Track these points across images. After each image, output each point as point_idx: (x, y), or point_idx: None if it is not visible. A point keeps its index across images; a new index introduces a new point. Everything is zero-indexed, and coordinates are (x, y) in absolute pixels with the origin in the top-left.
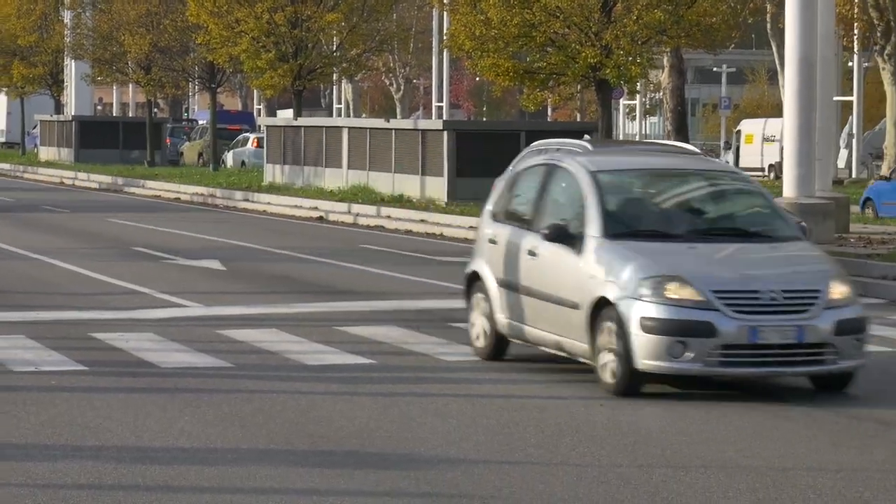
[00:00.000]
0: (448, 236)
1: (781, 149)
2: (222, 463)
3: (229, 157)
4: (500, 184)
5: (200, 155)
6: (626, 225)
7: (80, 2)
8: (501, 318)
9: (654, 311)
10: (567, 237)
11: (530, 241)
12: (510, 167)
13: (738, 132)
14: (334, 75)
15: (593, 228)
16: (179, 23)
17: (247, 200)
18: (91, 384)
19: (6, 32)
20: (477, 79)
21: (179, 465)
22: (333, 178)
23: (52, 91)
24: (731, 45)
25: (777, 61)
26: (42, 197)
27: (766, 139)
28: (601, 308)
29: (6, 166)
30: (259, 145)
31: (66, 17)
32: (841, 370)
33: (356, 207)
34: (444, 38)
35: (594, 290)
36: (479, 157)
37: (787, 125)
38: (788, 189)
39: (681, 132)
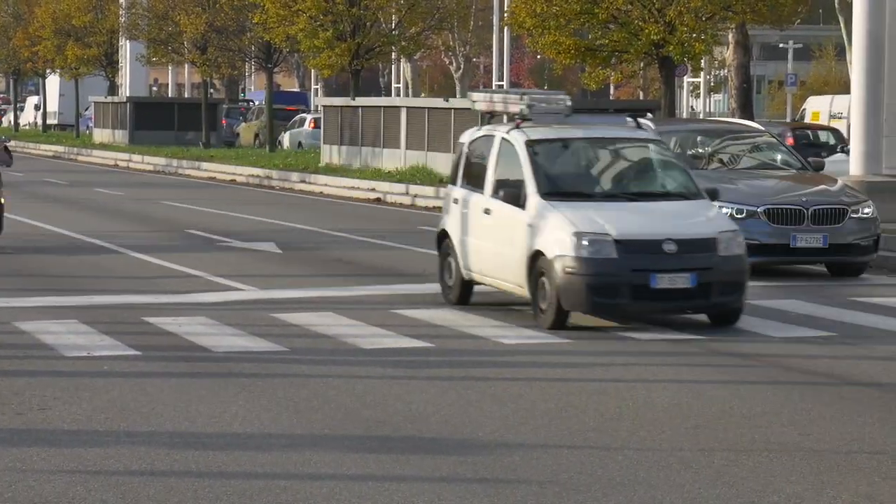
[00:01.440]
0: None
1: (849, 126)
2: (276, 448)
3: (286, 139)
4: None
5: (257, 136)
6: None
7: None
8: None
9: None
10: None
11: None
12: None
13: (804, 110)
14: (393, 54)
15: None
16: (235, 2)
17: (304, 182)
18: (144, 369)
19: (60, 13)
20: (538, 57)
21: (233, 451)
22: (391, 159)
23: (107, 72)
24: (797, 21)
25: (844, 37)
26: (96, 179)
27: (832, 116)
28: None
29: (60, 149)
30: (316, 126)
31: None
32: None
33: (414, 188)
34: (505, 15)
35: None
36: None
37: (854, 101)
38: (855, 167)
39: (746, 110)
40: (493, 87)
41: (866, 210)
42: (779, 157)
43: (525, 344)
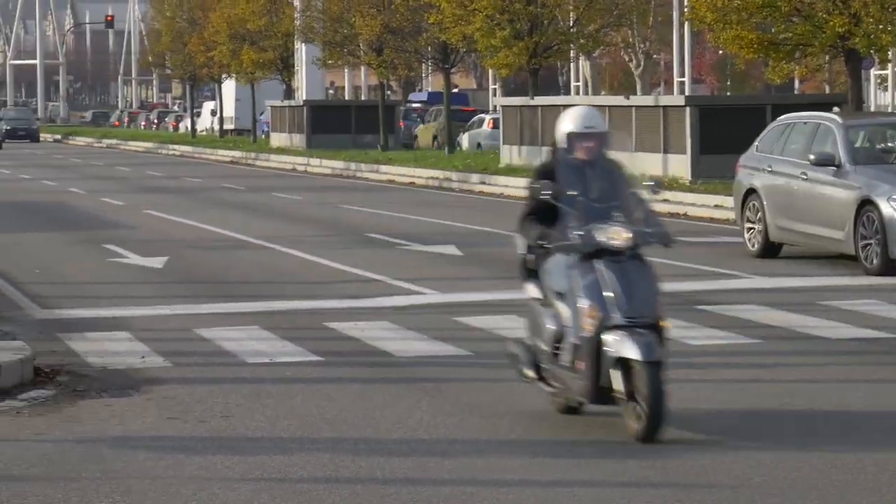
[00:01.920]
0: (692, 216)
1: None
2: (461, 454)
3: (465, 140)
4: None
5: (435, 138)
6: None
7: None
8: None
9: None
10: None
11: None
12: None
13: None
14: (571, 52)
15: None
16: (411, 2)
17: (483, 183)
18: (327, 375)
19: (235, 17)
20: (720, 52)
21: (418, 457)
22: None
23: (283, 76)
24: None
25: None
26: (274, 184)
27: None
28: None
29: (237, 154)
30: (495, 126)
31: None
32: None
33: None
34: (685, 9)
35: None
36: (723, 133)
37: None
38: None
39: None
40: (675, 83)
41: None
42: None
43: (712, 346)
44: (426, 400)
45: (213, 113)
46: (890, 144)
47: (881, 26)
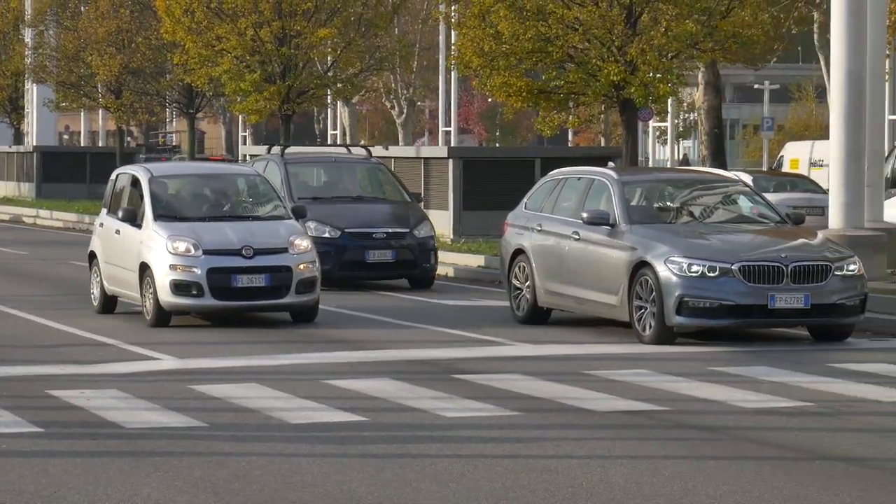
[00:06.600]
0: (454, 277)
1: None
2: None
3: None
4: None
5: None
6: None
7: (42, 19)
8: None
9: None
10: None
11: None
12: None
13: (782, 157)
14: (328, 97)
15: None
16: (153, 41)
17: None
18: (46, 448)
19: None
20: (489, 100)
21: None
22: None
23: (11, 119)
24: (773, 60)
25: (825, 77)
26: None
27: (813, 164)
28: None
29: None
30: None
31: (27, 35)
32: None
33: None
34: (451, 54)
35: None
36: (489, 188)
37: (833, 147)
38: (834, 219)
39: (717, 157)
40: (441, 133)
41: (851, 266)
42: (755, 209)
43: (468, 418)
44: (156, 475)
45: None
46: (668, 203)
47: (658, 75)
